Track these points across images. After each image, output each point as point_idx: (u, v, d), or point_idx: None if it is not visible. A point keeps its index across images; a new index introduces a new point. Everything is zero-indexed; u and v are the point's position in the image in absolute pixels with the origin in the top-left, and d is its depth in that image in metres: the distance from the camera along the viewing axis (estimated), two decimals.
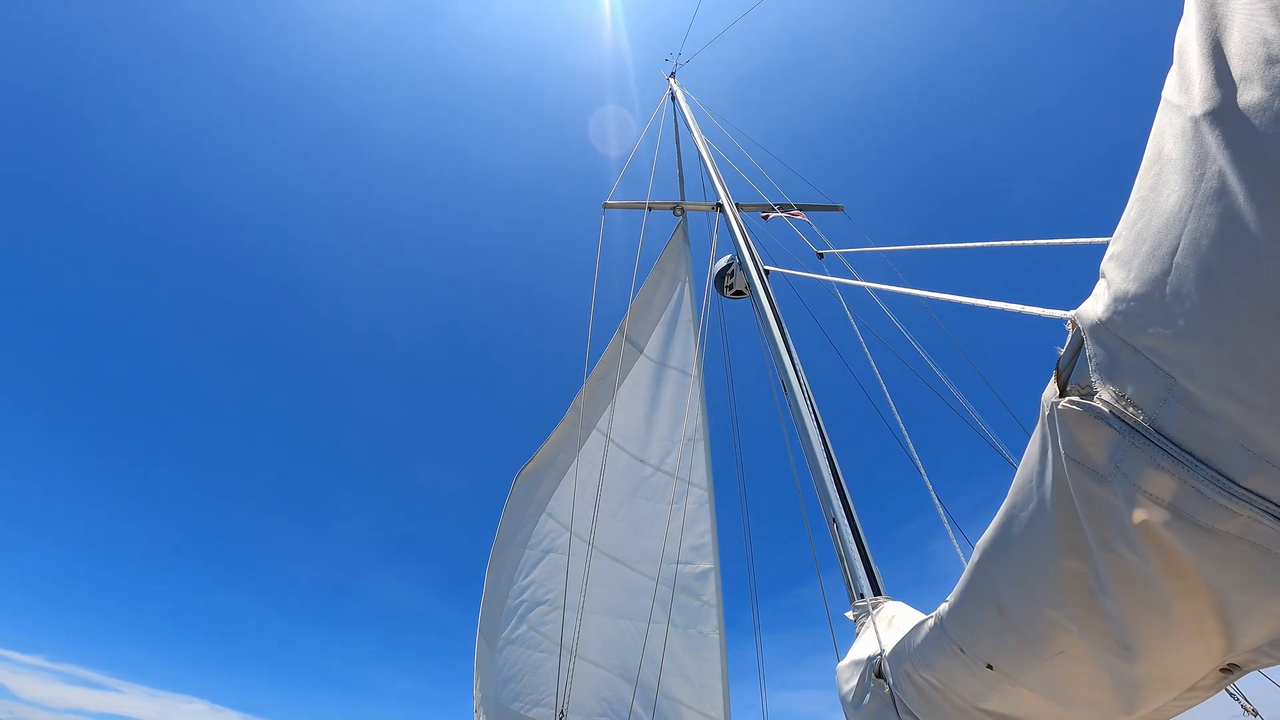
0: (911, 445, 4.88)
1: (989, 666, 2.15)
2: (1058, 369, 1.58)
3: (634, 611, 9.41)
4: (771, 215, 10.27)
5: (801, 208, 10.40)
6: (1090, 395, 1.48)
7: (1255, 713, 3.27)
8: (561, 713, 6.76)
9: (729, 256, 9.61)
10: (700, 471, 10.82)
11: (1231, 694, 3.35)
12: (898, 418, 5.22)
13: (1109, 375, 1.43)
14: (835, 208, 11.54)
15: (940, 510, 4.51)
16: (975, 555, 2.05)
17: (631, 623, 9.42)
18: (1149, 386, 1.34)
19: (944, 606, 2.36)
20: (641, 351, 11.12)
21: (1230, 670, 1.61)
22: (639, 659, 8.56)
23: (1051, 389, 1.59)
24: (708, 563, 10.52)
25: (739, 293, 9.78)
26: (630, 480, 10.48)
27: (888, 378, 5.78)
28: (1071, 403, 1.49)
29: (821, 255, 8.34)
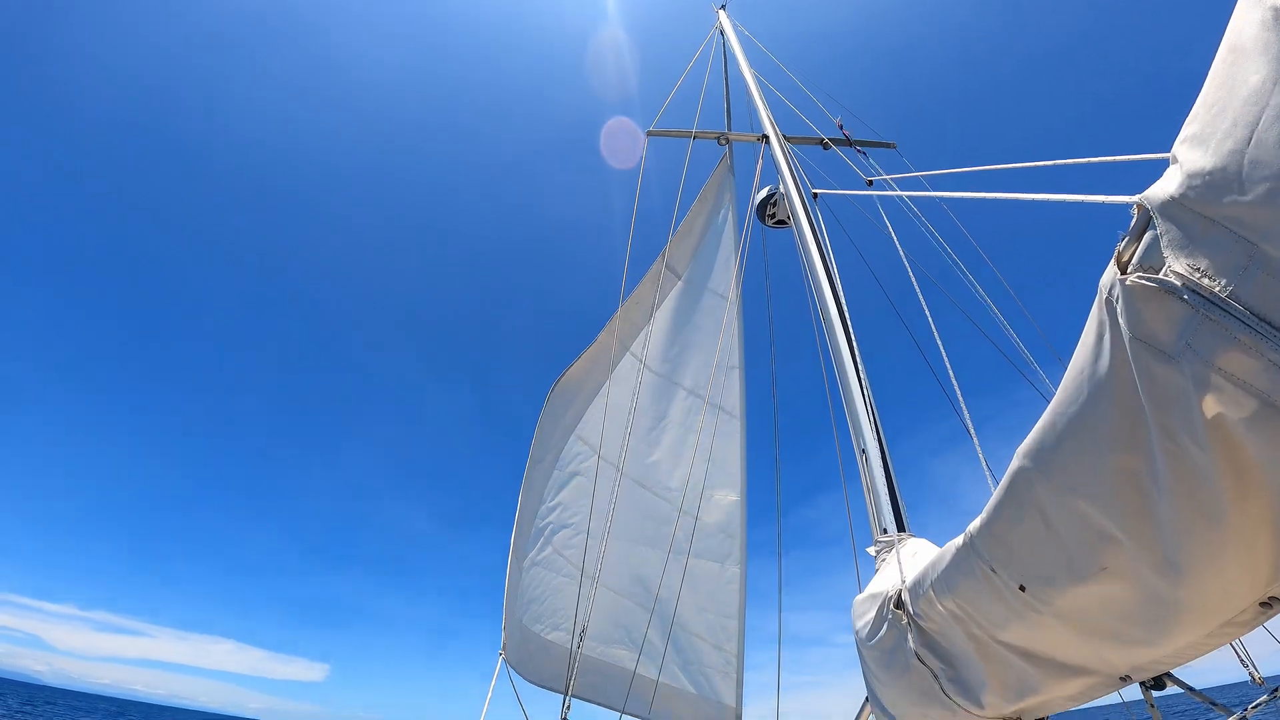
0: (955, 381, 4.69)
1: (1021, 588, 2.06)
2: (1118, 253, 1.49)
3: (657, 540, 9.43)
4: (827, 146, 9.96)
5: (852, 143, 10.09)
6: (1158, 272, 1.39)
7: (1263, 682, 3.20)
8: (580, 636, 6.76)
9: (772, 186, 9.52)
10: (733, 399, 10.80)
11: (1241, 660, 3.29)
12: (942, 351, 5.06)
13: (1181, 249, 1.35)
14: (887, 144, 11.14)
15: (976, 445, 4.35)
16: (1016, 461, 1.93)
17: (654, 551, 9.44)
18: (1227, 256, 1.27)
19: (975, 524, 2.26)
20: (681, 278, 11.01)
21: (1269, 605, 1.54)
22: (658, 589, 8.54)
23: (1112, 271, 1.50)
24: (734, 494, 10.58)
25: (781, 222, 9.59)
26: (662, 405, 10.47)
27: (931, 310, 5.58)
28: (1140, 277, 1.41)
29: (871, 182, 8.10)
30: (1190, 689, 2.05)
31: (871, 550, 4.41)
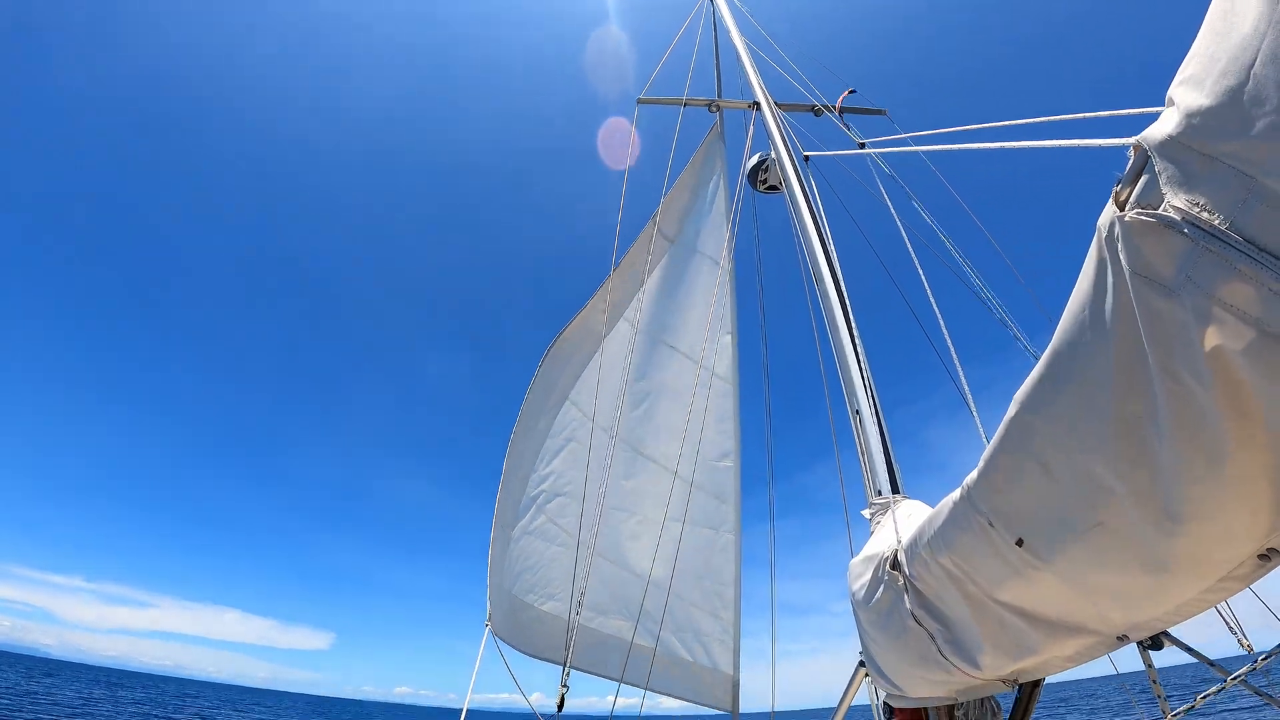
0: (950, 341, 4.67)
1: (1019, 543, 2.03)
2: (1115, 193, 1.47)
3: (652, 507, 9.41)
4: (818, 113, 9.94)
5: (843, 110, 10.03)
6: (1157, 208, 1.38)
7: (1251, 648, 3.20)
8: (579, 605, 6.75)
9: (763, 152, 9.53)
10: (726, 363, 10.80)
11: (1230, 626, 3.31)
12: (936, 312, 5.04)
13: (1179, 186, 1.34)
14: (878, 111, 11.08)
15: (970, 405, 4.34)
16: (1012, 408, 1.90)
17: (649, 518, 9.41)
18: (1226, 191, 1.27)
19: (971, 476, 2.22)
20: (672, 242, 10.97)
21: (1268, 558, 1.53)
22: (653, 557, 8.54)
23: (1110, 210, 1.48)
24: (729, 459, 10.63)
25: (773, 188, 9.63)
26: (655, 370, 10.45)
27: (925, 273, 5.57)
28: (1139, 213, 1.40)
29: (863, 145, 8.05)
30: (1188, 648, 2.03)
31: (866, 513, 4.39)
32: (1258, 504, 1.41)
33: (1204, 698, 1.75)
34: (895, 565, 3.17)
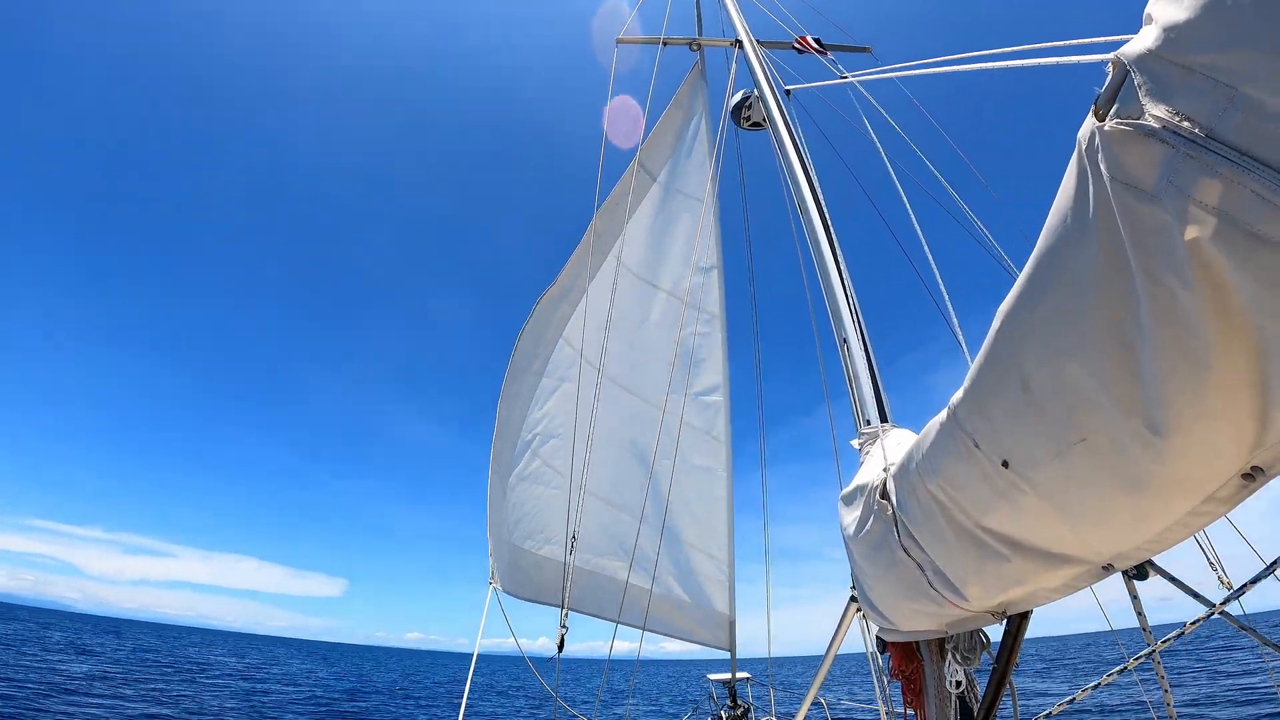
0: (936, 268, 4.67)
1: (1004, 464, 2.01)
2: (1095, 108, 1.48)
3: (644, 445, 9.45)
4: (802, 49, 9.83)
5: (827, 47, 9.94)
6: (1137, 119, 1.38)
7: (1231, 586, 3.20)
8: (572, 541, 6.78)
9: (746, 90, 9.44)
10: (713, 300, 10.78)
11: (1210, 561, 3.30)
12: (922, 241, 5.03)
13: (1159, 98, 1.34)
14: (863, 49, 11.02)
15: (958, 334, 4.32)
16: (995, 323, 1.89)
17: (642, 456, 9.45)
18: (1206, 100, 1.27)
19: (956, 395, 2.21)
20: (656, 181, 10.88)
21: (1251, 477, 1.52)
22: (646, 495, 8.58)
23: (1089, 122, 1.49)
24: (718, 395, 10.66)
25: (756, 125, 9.56)
26: (642, 308, 10.43)
27: (910, 205, 5.57)
28: (1119, 123, 1.40)
29: (845, 77, 7.98)
30: (1171, 578, 2.03)
31: (855, 443, 4.39)
32: (1241, 416, 1.42)
33: (1192, 625, 1.73)
34: (885, 495, 3.16)
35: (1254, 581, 1.60)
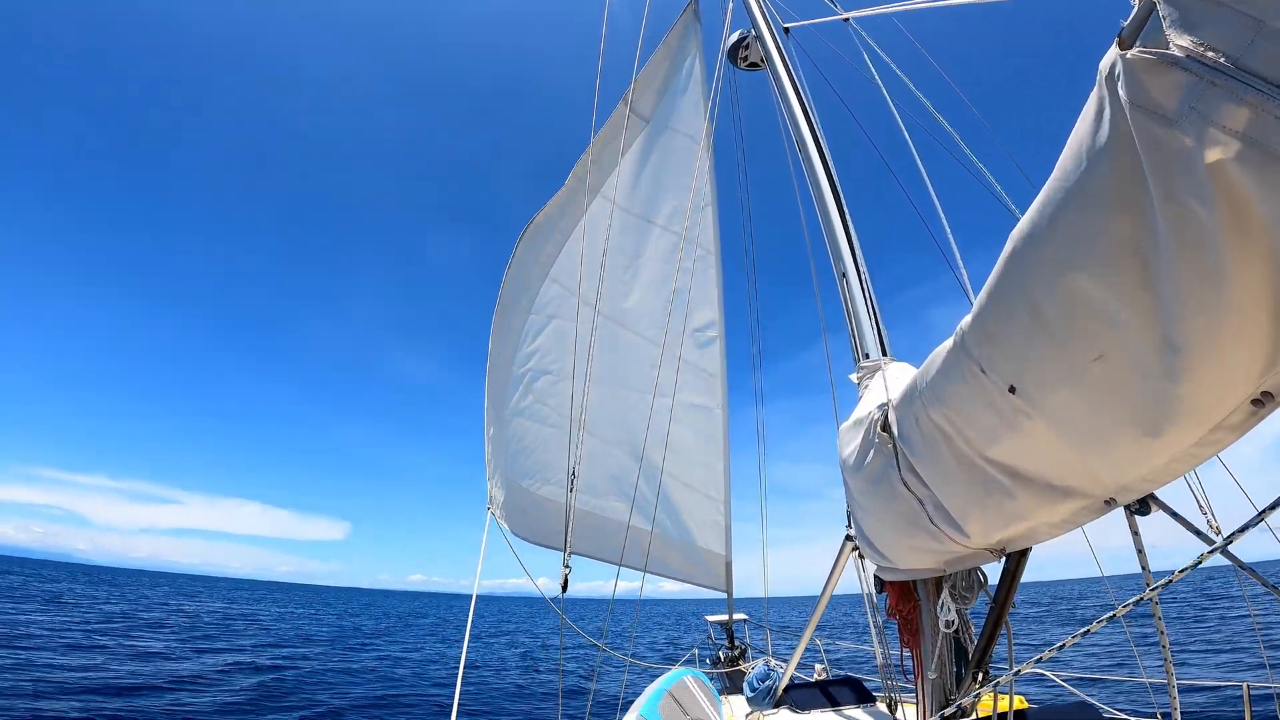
0: (939, 205, 4.63)
1: (1011, 389, 2.02)
2: (1120, 37, 1.50)
3: (640, 382, 9.47)
4: None
5: None
6: (1163, 49, 1.41)
7: (1220, 531, 3.27)
8: (572, 481, 6.79)
9: (744, 30, 9.28)
10: (708, 235, 10.72)
11: (1200, 506, 3.35)
12: (924, 174, 4.98)
13: (1184, 28, 1.38)
14: None
15: (961, 273, 4.29)
16: (1008, 245, 1.89)
17: (638, 394, 9.50)
18: (1233, 32, 1.31)
19: (965, 320, 2.19)
20: (648, 121, 10.74)
21: (1261, 403, 1.54)
22: (644, 434, 8.58)
23: (1113, 51, 1.51)
24: (714, 332, 10.66)
25: (754, 65, 9.43)
26: (636, 244, 10.35)
27: (912, 144, 5.50)
28: (1142, 51, 1.43)
29: (847, 19, 7.85)
30: (1173, 513, 2.03)
31: (854, 376, 4.38)
32: (1256, 336, 1.43)
33: (1193, 564, 1.74)
34: (885, 427, 3.14)
35: (1256, 521, 1.61)
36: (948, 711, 2.93)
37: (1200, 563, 1.72)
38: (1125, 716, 4.53)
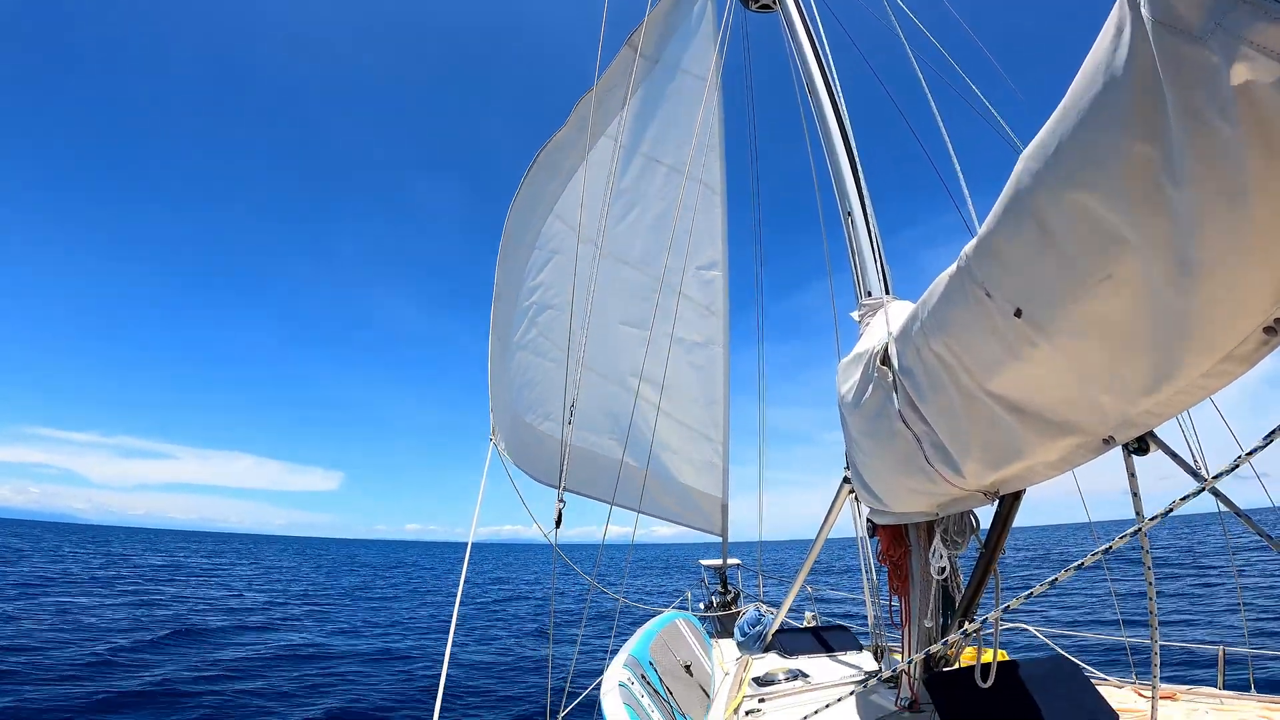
0: (950, 143, 4.56)
1: (1017, 313, 2.00)
2: None
3: (642, 319, 9.43)
4: None
5: None
6: None
7: (1208, 475, 3.24)
8: (571, 406, 6.80)
9: None
10: (714, 174, 10.66)
11: (1190, 449, 3.33)
12: (936, 114, 4.93)
13: None
14: None
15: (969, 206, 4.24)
16: (1019, 165, 1.86)
17: (640, 331, 9.43)
18: None
19: (970, 245, 2.18)
20: (657, 61, 10.58)
21: (1273, 332, 1.51)
22: (645, 370, 8.59)
23: None
24: (717, 269, 10.64)
25: (765, 6, 9.28)
26: (641, 183, 10.28)
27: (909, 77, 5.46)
28: None
29: None
30: (1171, 452, 2.02)
31: (855, 314, 4.36)
32: (1274, 260, 1.41)
33: (1183, 500, 1.71)
34: (885, 361, 3.12)
35: (1241, 461, 1.60)
36: (933, 648, 2.94)
37: (1190, 498, 1.71)
38: (1103, 675, 4.59)
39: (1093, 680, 3.78)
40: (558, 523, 6.48)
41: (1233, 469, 1.63)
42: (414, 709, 12.59)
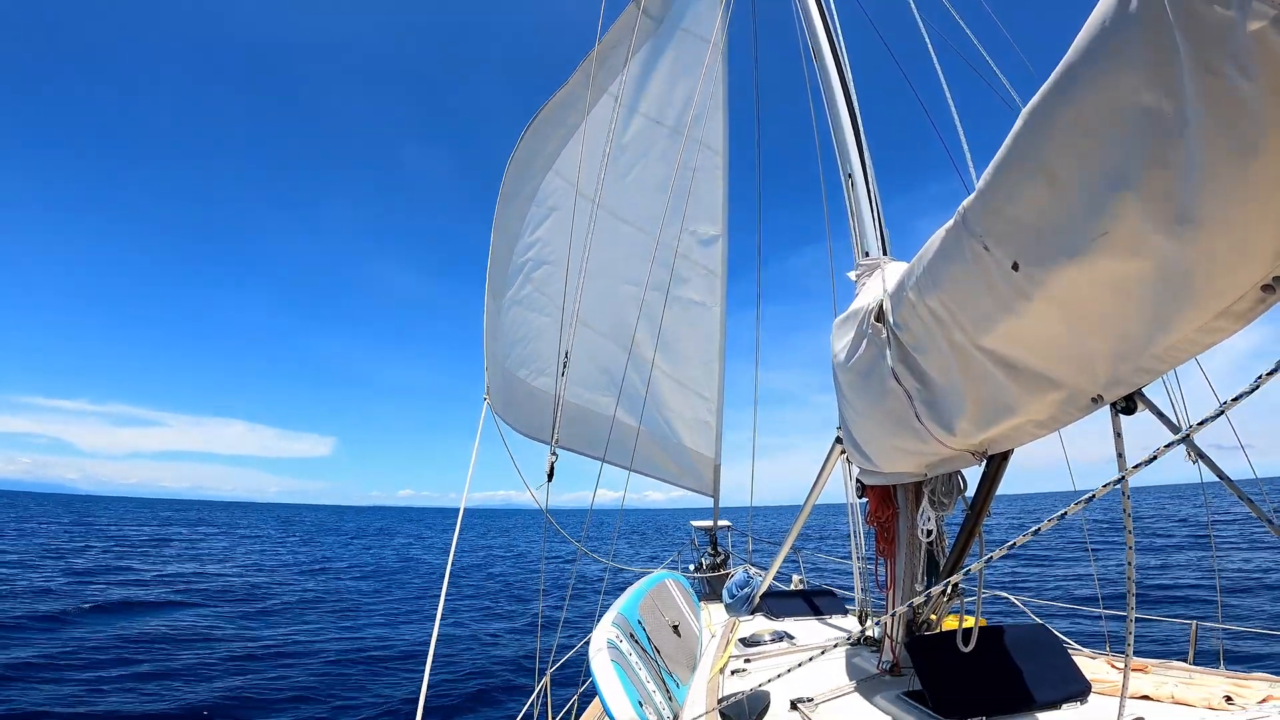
0: (953, 105, 4.55)
1: (1014, 266, 2.01)
2: None
3: (639, 277, 9.36)
4: None
5: None
6: None
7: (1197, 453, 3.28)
8: (565, 356, 6.79)
9: None
10: (716, 136, 10.58)
11: (1172, 403, 3.29)
12: (941, 78, 4.92)
13: None
14: None
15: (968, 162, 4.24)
16: (1020, 120, 1.85)
17: (637, 288, 9.38)
18: None
19: (968, 200, 2.19)
20: (660, 21, 10.43)
21: (1271, 289, 1.50)
22: (641, 328, 8.62)
23: None
24: (715, 229, 10.61)
25: None
26: (642, 141, 10.20)
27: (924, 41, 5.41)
28: None
29: None
30: (1157, 411, 2.02)
31: (852, 274, 4.37)
32: (1275, 217, 1.40)
33: (1159, 452, 1.72)
34: (880, 318, 3.13)
35: (1219, 414, 1.59)
36: (915, 600, 2.98)
37: (1167, 450, 1.71)
38: (1078, 646, 4.67)
39: (1069, 650, 3.85)
40: (550, 475, 6.46)
41: (1212, 419, 1.64)
42: (407, 668, 12.73)
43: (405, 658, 13.99)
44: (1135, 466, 1.80)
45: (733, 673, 4.60)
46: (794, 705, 3.65)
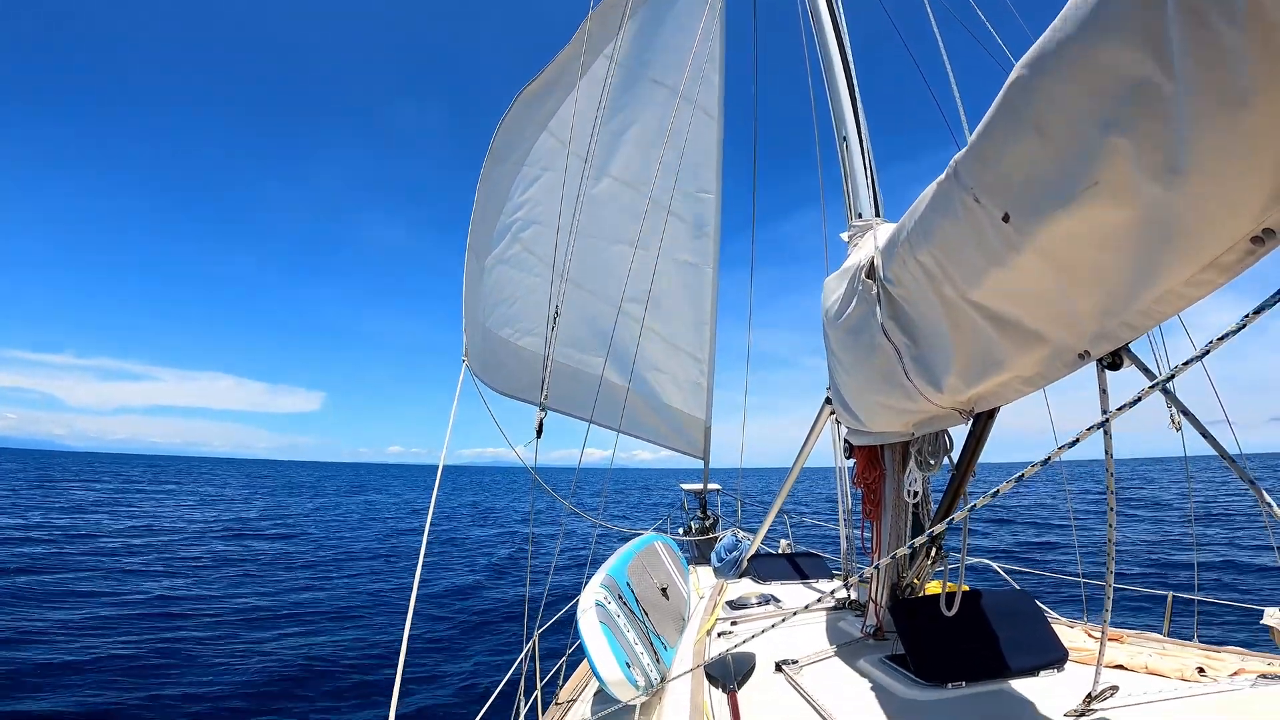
0: (952, 74, 4.54)
1: (1005, 218, 2.01)
2: None
3: (631, 237, 9.29)
4: None
5: None
6: None
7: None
8: (555, 312, 6.76)
9: None
10: (712, 99, 10.53)
11: (1153, 352, 3.30)
12: (939, 42, 4.90)
13: None
14: None
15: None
16: (1013, 74, 1.85)
17: (630, 248, 9.32)
18: None
19: (960, 153, 2.20)
20: None
21: (1261, 241, 1.50)
22: (633, 286, 8.60)
23: None
24: (709, 192, 10.60)
25: None
26: (637, 104, 10.12)
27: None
28: None
29: None
30: (1142, 366, 2.02)
31: (845, 235, 4.38)
32: (1266, 167, 1.39)
33: (1136, 399, 1.74)
34: (870, 274, 3.14)
35: (1195, 360, 1.61)
36: (899, 551, 3.03)
37: (1142, 398, 1.72)
38: (1056, 615, 4.75)
39: (1048, 619, 3.92)
40: (539, 433, 6.44)
41: (1186, 366, 1.64)
42: (387, 614, 12.74)
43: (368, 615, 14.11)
44: (1119, 409, 1.81)
45: (719, 635, 4.67)
46: (779, 667, 3.72)
